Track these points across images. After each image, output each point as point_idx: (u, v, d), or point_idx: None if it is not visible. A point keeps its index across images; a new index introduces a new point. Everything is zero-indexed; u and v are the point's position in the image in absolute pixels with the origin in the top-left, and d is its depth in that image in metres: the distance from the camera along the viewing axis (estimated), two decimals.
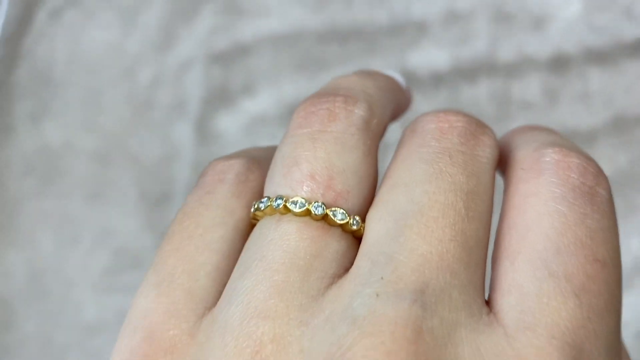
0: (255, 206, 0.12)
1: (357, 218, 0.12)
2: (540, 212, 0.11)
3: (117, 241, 0.30)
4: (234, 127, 0.30)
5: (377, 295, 0.10)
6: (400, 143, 0.13)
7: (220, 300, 0.11)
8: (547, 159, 0.12)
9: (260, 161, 0.13)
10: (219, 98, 0.31)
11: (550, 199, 0.11)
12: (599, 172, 0.12)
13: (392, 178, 0.12)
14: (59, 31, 0.32)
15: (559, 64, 0.31)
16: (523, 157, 0.12)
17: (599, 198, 0.11)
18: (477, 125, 0.12)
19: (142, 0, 0.32)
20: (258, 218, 0.12)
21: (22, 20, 0.33)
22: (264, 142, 0.31)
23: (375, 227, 0.11)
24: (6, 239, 0.30)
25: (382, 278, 0.10)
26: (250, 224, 0.12)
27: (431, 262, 0.10)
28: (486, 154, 0.12)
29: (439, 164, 0.12)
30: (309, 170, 0.11)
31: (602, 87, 0.31)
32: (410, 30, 0.29)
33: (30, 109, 0.31)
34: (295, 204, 0.11)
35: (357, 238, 0.12)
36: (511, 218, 0.12)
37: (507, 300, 0.10)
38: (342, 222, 0.11)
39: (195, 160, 0.30)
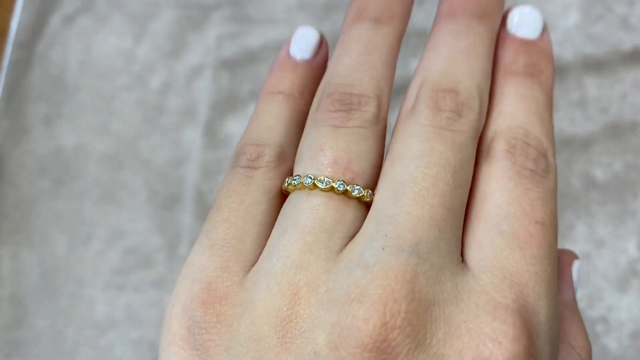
0: (288, 182, 0.15)
1: (370, 191, 0.14)
2: (493, 188, 0.14)
3: (127, 241, 0.30)
4: (241, 131, 0.31)
5: (383, 248, 0.13)
6: (400, 119, 0.15)
7: (262, 255, 0.14)
8: (499, 149, 0.15)
9: (283, 147, 0.16)
10: (227, 103, 0.32)
11: (501, 178, 0.14)
12: (539, 156, 0.15)
13: (392, 153, 0.15)
14: (72, 37, 0.33)
15: (557, 71, 0.32)
16: (482, 142, 0.15)
17: (539, 178, 0.14)
18: (464, 105, 0.15)
19: (153, 7, 0.33)
20: (289, 191, 0.15)
21: (36, 25, 0.33)
22: None
23: (380, 196, 0.14)
24: (19, 238, 0.31)
25: (385, 235, 0.13)
26: (281, 197, 0.15)
27: (424, 222, 0.13)
28: (470, 129, 0.15)
29: (430, 142, 0.14)
30: (332, 155, 0.14)
31: (599, 95, 0.32)
32: (413, 39, 0.30)
33: (44, 112, 0.32)
34: (322, 182, 0.14)
35: (368, 206, 0.15)
36: (473, 190, 0.15)
37: (470, 252, 0.14)
38: (358, 195, 0.14)
39: (204, 163, 0.31)
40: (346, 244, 0.14)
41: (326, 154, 0.14)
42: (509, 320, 0.12)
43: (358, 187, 0.14)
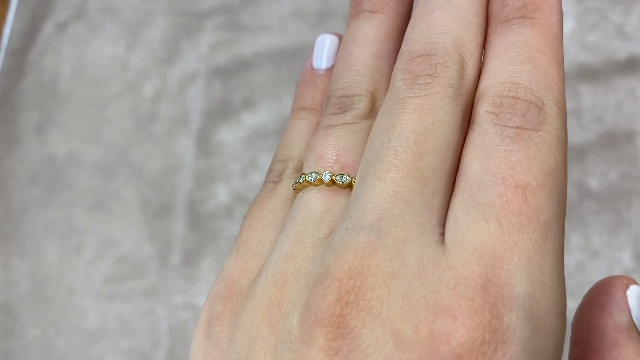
0: (294, 187, 0.16)
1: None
2: (471, 157, 0.14)
3: (119, 251, 0.30)
4: (234, 140, 0.31)
5: (347, 229, 0.13)
6: (384, 98, 0.15)
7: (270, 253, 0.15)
8: (481, 112, 0.14)
9: (302, 160, 0.16)
10: (220, 111, 0.32)
11: (480, 145, 0.13)
12: (530, 107, 0.14)
13: (374, 130, 0.15)
14: (64, 44, 0.33)
15: None
16: (472, 109, 0.15)
17: (527, 134, 0.13)
18: (438, 65, 0.14)
19: (146, 15, 0.33)
20: (296, 194, 0.16)
21: (29, 33, 0.33)
22: (264, 154, 0.31)
23: (355, 180, 0.14)
24: (10, 247, 0.30)
25: (351, 216, 0.13)
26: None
27: (386, 197, 0.13)
28: (446, 88, 0.14)
29: (394, 115, 0.14)
30: (320, 151, 0.15)
31: (594, 103, 0.32)
32: None
33: (36, 120, 0.32)
34: (310, 176, 0.15)
35: None
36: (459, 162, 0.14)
37: (447, 226, 0.13)
38: (346, 183, 0.15)
39: (196, 171, 0.31)
40: (332, 230, 0.14)
41: (315, 150, 0.15)
42: (468, 294, 0.12)
43: (344, 176, 0.15)
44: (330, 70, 0.18)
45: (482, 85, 0.14)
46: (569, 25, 0.33)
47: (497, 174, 0.13)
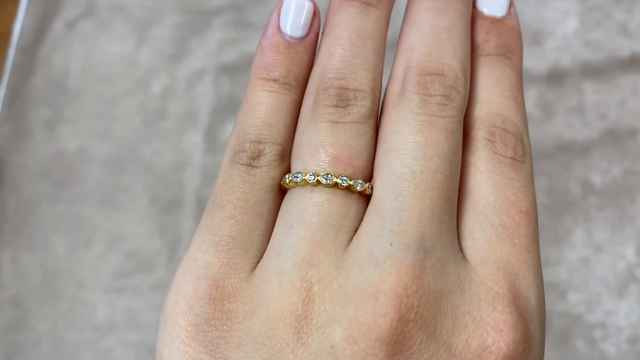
0: (289, 179, 0.15)
1: (371, 185, 0.15)
2: (479, 180, 0.15)
3: (128, 245, 0.31)
4: None
5: (391, 244, 0.13)
6: (388, 104, 0.16)
7: (268, 252, 0.14)
8: (480, 138, 0.15)
9: (284, 146, 0.16)
10: (228, 108, 0.32)
11: (485, 170, 0.15)
12: (517, 142, 0.15)
13: (386, 142, 0.15)
14: (74, 41, 0.33)
15: (556, 77, 0.32)
16: (464, 127, 0.16)
17: (519, 165, 0.15)
18: (452, 88, 0.15)
19: (155, 13, 0.33)
20: (288, 187, 0.15)
21: (39, 30, 0.34)
22: None
23: (380, 189, 0.14)
24: (21, 241, 0.31)
25: (391, 230, 0.14)
26: (281, 193, 0.15)
27: (425, 216, 0.14)
28: (458, 113, 0.15)
29: (424, 134, 0.15)
30: (334, 152, 0.15)
31: (597, 101, 0.32)
32: None
33: (46, 116, 0.32)
34: (326, 179, 0.14)
35: (367, 198, 0.15)
36: (460, 179, 0.15)
37: (466, 242, 0.14)
38: (360, 190, 0.15)
39: (205, 168, 0.31)
40: (351, 238, 0.14)
41: (328, 150, 0.15)
42: (507, 309, 0.13)
43: (360, 182, 0.15)
44: (303, 41, 0.17)
45: (476, 112, 0.16)
46: (572, 23, 0.33)
47: (506, 199, 0.15)
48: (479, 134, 0.15)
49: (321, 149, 0.15)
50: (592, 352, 0.28)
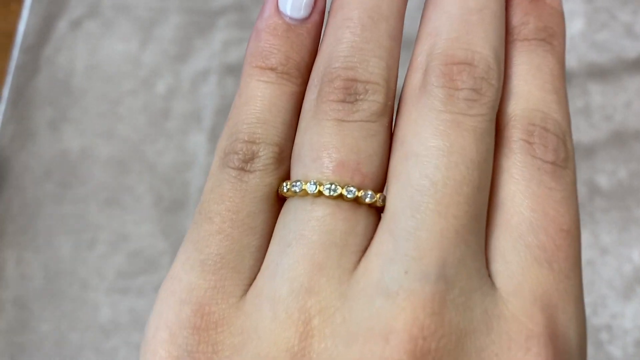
0: (287, 187, 0.13)
1: (382, 195, 0.13)
2: (512, 190, 0.13)
3: (132, 245, 0.31)
4: None
5: (406, 272, 0.11)
6: (407, 98, 0.13)
7: (262, 273, 0.12)
8: (516, 139, 0.13)
9: (281, 147, 0.13)
10: None
11: (521, 178, 0.13)
12: (559, 143, 0.13)
13: (403, 145, 0.13)
14: (78, 41, 0.33)
15: None
16: (499, 130, 0.13)
17: (560, 172, 0.13)
18: (483, 80, 0.13)
19: (159, 13, 0.33)
20: (287, 196, 0.13)
21: (43, 30, 0.34)
22: None
23: (394, 202, 0.12)
24: (24, 241, 0.31)
25: (406, 255, 0.11)
26: (279, 202, 0.13)
27: (448, 237, 0.11)
28: (490, 110, 0.13)
29: (449, 136, 0.12)
30: (339, 157, 0.12)
31: (603, 102, 0.32)
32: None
33: (50, 116, 0.32)
34: (329, 189, 0.12)
35: (379, 210, 0.13)
36: (490, 188, 0.13)
37: (496, 266, 0.12)
38: (370, 202, 0.12)
39: (209, 168, 0.31)
40: (359, 259, 0.12)
41: (331, 154, 0.13)
42: (543, 352, 0.11)
43: (370, 193, 0.12)
44: (306, 23, 0.14)
45: (511, 108, 0.13)
46: (578, 25, 0.33)
47: (545, 214, 0.12)
48: (515, 134, 0.13)
49: (324, 152, 0.13)
50: (598, 354, 0.28)
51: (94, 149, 0.32)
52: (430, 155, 0.12)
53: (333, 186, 0.12)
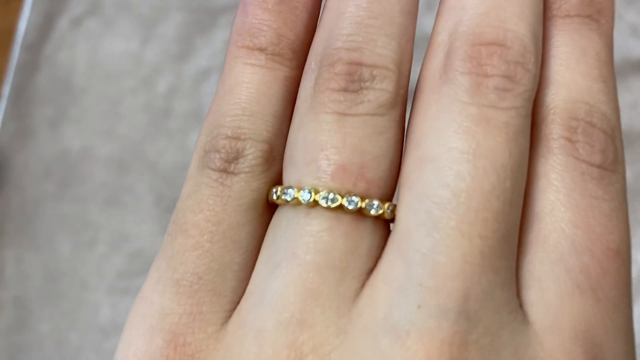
0: (277, 194, 0.11)
1: (391, 205, 0.11)
2: (551, 200, 0.10)
3: (132, 245, 0.30)
4: None
5: (419, 307, 0.09)
6: (425, 86, 0.11)
7: (247, 299, 0.11)
8: (555, 136, 0.11)
9: (272, 143, 0.11)
10: None
11: (561, 186, 0.10)
12: (607, 142, 0.11)
13: (418, 147, 0.10)
14: (79, 39, 0.33)
15: None
16: (534, 126, 0.11)
17: (609, 178, 0.11)
18: (517, 65, 0.10)
19: (161, 11, 0.33)
20: (278, 202, 0.11)
21: (44, 27, 0.33)
22: None
23: (405, 217, 0.10)
24: (24, 241, 0.31)
25: (420, 285, 0.09)
26: (270, 209, 0.11)
27: (473, 263, 0.09)
28: (526, 102, 0.10)
29: (475, 135, 0.10)
30: (339, 159, 0.10)
31: None
32: (423, 45, 0.29)
33: (50, 114, 0.32)
34: (327, 199, 0.10)
35: (388, 221, 0.11)
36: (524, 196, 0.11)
37: (528, 295, 0.10)
38: (376, 214, 0.10)
39: None
40: (362, 285, 0.10)
41: (330, 156, 0.10)
42: None
43: (376, 203, 0.10)
44: None
45: (549, 98, 0.11)
46: None
47: (590, 231, 0.10)
48: (554, 131, 0.11)
49: (322, 154, 0.10)
50: None
51: (94, 148, 0.31)
52: (452, 159, 0.10)
53: (331, 195, 0.10)
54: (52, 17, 0.34)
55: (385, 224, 0.11)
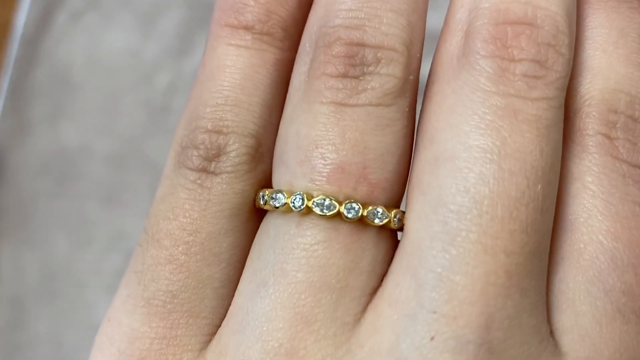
0: (265, 199, 0.09)
1: (399, 212, 0.09)
2: (587, 207, 0.09)
3: (130, 244, 0.30)
4: None
5: (432, 338, 0.08)
6: (441, 70, 0.09)
7: (228, 321, 0.09)
8: (591, 132, 0.09)
9: (259, 137, 0.10)
10: None
11: (599, 190, 0.09)
12: None
13: (432, 144, 0.09)
14: (78, 34, 0.33)
15: None
16: (566, 119, 0.10)
17: None
18: (549, 48, 0.09)
19: (161, 6, 0.33)
20: (265, 208, 0.10)
21: (42, 22, 0.33)
22: None
23: (416, 228, 0.09)
24: (20, 238, 0.30)
25: (434, 311, 0.08)
26: (257, 215, 0.10)
27: (497, 284, 0.08)
28: (559, 90, 0.09)
29: (500, 130, 0.08)
30: (337, 158, 0.09)
31: None
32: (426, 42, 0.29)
33: (48, 110, 0.32)
34: (322, 206, 0.09)
35: (394, 232, 0.09)
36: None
37: (561, 320, 0.09)
38: (382, 223, 0.09)
39: None
40: (365, 309, 0.09)
41: (326, 154, 0.09)
42: None
43: (381, 210, 0.09)
44: None
45: (584, 87, 0.09)
46: None
47: (632, 244, 0.09)
48: (589, 125, 0.09)
49: (316, 151, 0.09)
50: None
51: (93, 145, 0.31)
52: (473, 159, 0.08)
53: (327, 201, 0.09)
54: (51, 11, 0.33)
55: (391, 235, 0.09)
